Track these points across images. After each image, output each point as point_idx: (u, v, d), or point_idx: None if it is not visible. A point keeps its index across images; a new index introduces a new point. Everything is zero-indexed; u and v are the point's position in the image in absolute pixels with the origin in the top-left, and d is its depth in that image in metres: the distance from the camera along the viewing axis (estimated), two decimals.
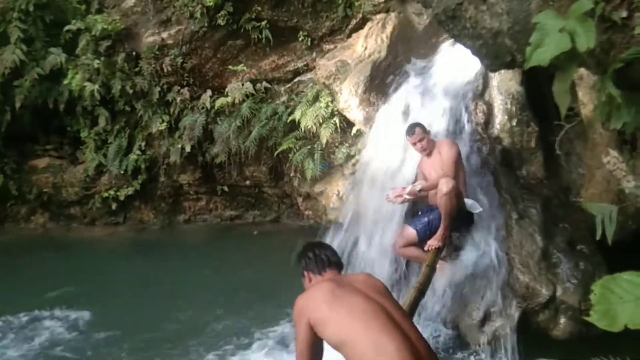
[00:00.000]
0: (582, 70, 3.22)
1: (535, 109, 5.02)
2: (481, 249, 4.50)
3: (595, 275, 3.95)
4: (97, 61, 7.70)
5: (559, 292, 4.01)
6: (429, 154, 4.60)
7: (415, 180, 4.78)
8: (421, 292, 3.78)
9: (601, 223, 2.11)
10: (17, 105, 7.72)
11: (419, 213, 4.74)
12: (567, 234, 4.33)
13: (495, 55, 2.71)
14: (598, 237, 2.13)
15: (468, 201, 4.43)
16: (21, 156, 8.38)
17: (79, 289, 5.95)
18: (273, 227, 8.04)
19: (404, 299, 3.71)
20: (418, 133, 4.56)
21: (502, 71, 4.74)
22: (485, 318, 4.23)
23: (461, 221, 4.44)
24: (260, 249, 7.11)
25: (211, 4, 7.03)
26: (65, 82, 7.77)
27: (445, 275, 4.49)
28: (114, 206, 8.28)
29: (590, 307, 1.38)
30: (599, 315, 1.34)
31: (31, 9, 7.69)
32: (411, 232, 4.54)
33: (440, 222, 4.33)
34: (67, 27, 7.85)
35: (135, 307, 5.59)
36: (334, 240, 4.98)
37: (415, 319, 3.54)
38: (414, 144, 4.61)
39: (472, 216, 4.50)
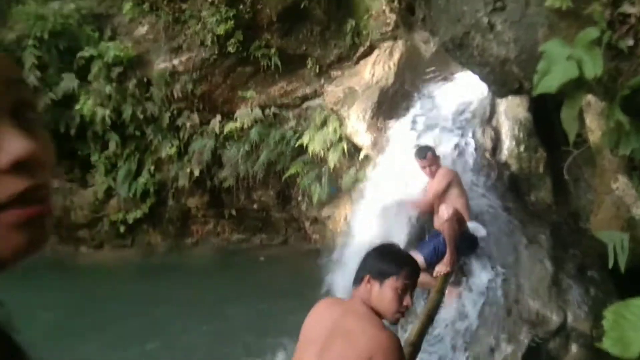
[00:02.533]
0: (590, 97, 3.25)
1: (543, 135, 5.05)
2: (490, 274, 4.47)
3: (607, 302, 3.91)
4: (109, 87, 7.83)
5: (569, 319, 3.97)
6: (433, 177, 4.65)
7: None
8: (430, 318, 3.75)
9: (613, 251, 2.11)
10: None
11: (426, 239, 4.74)
12: (577, 260, 4.31)
13: (502, 83, 2.75)
14: (611, 265, 2.12)
15: (471, 224, 4.44)
16: None
17: (85, 312, 5.94)
18: (280, 251, 8.03)
19: (412, 326, 3.68)
20: (429, 158, 4.59)
21: (510, 97, 4.79)
22: (495, 345, 4.17)
23: (466, 245, 4.44)
24: (267, 275, 7.09)
25: (222, 32, 7.16)
26: (77, 107, 7.89)
27: (453, 301, 4.45)
28: (122, 229, 8.31)
29: (602, 333, 1.37)
30: (612, 342, 1.34)
31: (46, 36, 7.86)
32: (418, 258, 4.53)
33: (445, 248, 4.33)
34: (80, 54, 8.00)
35: (140, 332, 5.56)
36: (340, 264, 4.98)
37: (423, 346, 3.50)
38: (424, 167, 4.63)
39: (476, 240, 4.50)
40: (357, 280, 2.16)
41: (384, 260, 2.17)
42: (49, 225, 0.52)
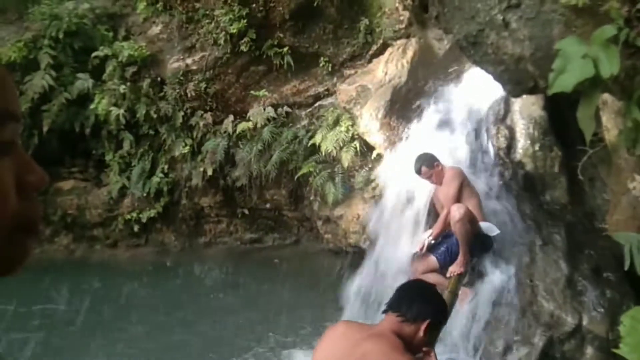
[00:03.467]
0: (606, 95, 3.19)
1: (558, 134, 4.98)
2: (504, 275, 4.43)
3: (623, 304, 3.85)
4: (123, 86, 7.88)
5: (585, 321, 3.91)
6: (441, 183, 4.61)
7: (431, 206, 4.82)
8: None
9: (629, 253, 2.07)
10: (45, 129, 7.91)
11: (439, 240, 4.70)
12: (593, 261, 4.24)
13: (517, 81, 2.71)
14: (627, 267, 2.08)
15: (484, 224, 4.40)
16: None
17: (99, 310, 5.99)
18: (293, 251, 8.03)
19: None
20: (424, 172, 4.60)
21: (524, 95, 4.73)
22: (509, 347, 4.13)
23: (479, 245, 4.40)
24: (280, 275, 7.10)
25: (235, 31, 7.17)
26: (92, 106, 7.95)
27: (467, 302, 4.42)
28: (136, 228, 8.37)
29: (619, 337, 1.34)
30: (629, 348, 1.30)
31: (61, 36, 7.93)
32: (431, 259, 4.51)
33: (458, 248, 4.30)
34: (94, 54, 8.06)
35: (153, 330, 5.60)
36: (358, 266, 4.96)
37: (436, 347, 3.47)
38: (427, 178, 4.64)
39: (490, 239, 4.45)
40: (412, 318, 2.09)
41: (441, 307, 2.24)
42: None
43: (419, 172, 4.61)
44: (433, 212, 4.94)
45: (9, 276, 0.55)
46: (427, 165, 4.58)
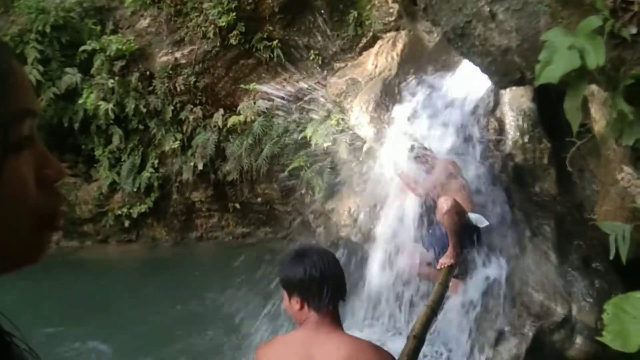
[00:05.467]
0: (594, 87, 3.20)
1: (548, 126, 5.00)
2: (494, 266, 4.45)
3: (611, 294, 3.88)
4: (112, 81, 7.82)
5: (574, 311, 3.95)
6: (431, 170, 4.64)
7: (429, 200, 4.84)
8: (433, 310, 3.73)
9: (615, 242, 2.08)
10: None
11: (429, 232, 4.72)
12: (582, 252, 4.28)
13: (504, 73, 2.71)
14: (612, 257, 2.10)
15: (473, 216, 4.41)
16: None
17: (90, 306, 5.96)
18: (284, 244, 8.02)
19: (416, 319, 3.66)
20: (421, 154, 4.66)
21: (513, 88, 4.74)
22: (499, 337, 4.16)
23: (469, 237, 4.42)
24: (272, 269, 7.09)
25: (224, 24, 7.13)
26: (80, 101, 7.89)
27: (458, 294, 4.44)
28: (126, 224, 8.33)
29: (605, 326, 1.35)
30: (611, 335, 1.31)
31: (48, 30, 7.85)
32: (422, 250, 4.52)
33: (448, 240, 4.32)
34: (82, 48, 7.99)
35: (144, 326, 5.58)
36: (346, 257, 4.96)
37: (427, 338, 3.49)
38: (420, 163, 4.66)
39: (479, 231, 4.47)
40: (336, 302, 1.91)
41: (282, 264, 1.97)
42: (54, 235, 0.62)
43: (416, 153, 4.62)
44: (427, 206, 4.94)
45: (32, 265, 0.58)
46: (424, 147, 4.63)
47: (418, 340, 3.16)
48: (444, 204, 4.18)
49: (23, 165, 0.54)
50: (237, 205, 8.20)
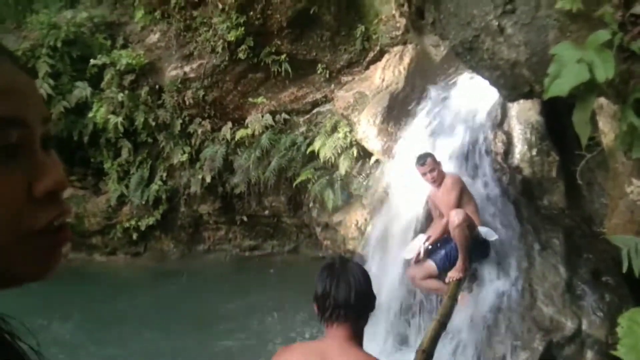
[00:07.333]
0: (603, 99, 3.21)
1: (555, 139, 4.99)
2: (503, 280, 4.42)
3: (622, 308, 3.84)
4: (121, 94, 7.90)
5: (584, 325, 3.91)
6: (439, 186, 4.55)
7: (427, 211, 4.81)
8: (442, 324, 3.71)
9: (627, 256, 2.07)
10: None
11: (437, 245, 4.70)
12: (592, 265, 4.24)
13: (513, 86, 2.73)
14: (625, 270, 2.09)
15: (482, 229, 4.39)
16: None
17: (98, 319, 5.97)
18: (291, 258, 8.02)
19: (425, 332, 3.64)
20: (429, 163, 4.48)
21: (521, 101, 4.75)
22: (509, 352, 4.12)
23: (478, 250, 4.40)
24: (278, 281, 7.08)
25: (232, 38, 7.20)
26: (90, 115, 7.96)
27: (467, 307, 4.41)
28: (134, 236, 8.36)
29: (617, 340, 1.34)
30: (626, 349, 1.30)
31: (59, 45, 7.96)
32: (430, 264, 4.51)
33: (457, 253, 4.30)
34: (92, 62, 8.08)
35: (152, 337, 5.58)
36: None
37: (435, 353, 3.47)
38: (424, 174, 4.51)
39: (488, 245, 4.45)
40: (359, 318, 1.87)
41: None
42: (65, 248, 0.56)
43: (424, 162, 4.48)
44: (429, 217, 4.94)
45: (37, 280, 0.56)
46: (433, 158, 4.52)
47: (427, 354, 3.15)
48: (455, 217, 4.16)
49: (5, 177, 0.51)
50: (245, 218, 8.22)
